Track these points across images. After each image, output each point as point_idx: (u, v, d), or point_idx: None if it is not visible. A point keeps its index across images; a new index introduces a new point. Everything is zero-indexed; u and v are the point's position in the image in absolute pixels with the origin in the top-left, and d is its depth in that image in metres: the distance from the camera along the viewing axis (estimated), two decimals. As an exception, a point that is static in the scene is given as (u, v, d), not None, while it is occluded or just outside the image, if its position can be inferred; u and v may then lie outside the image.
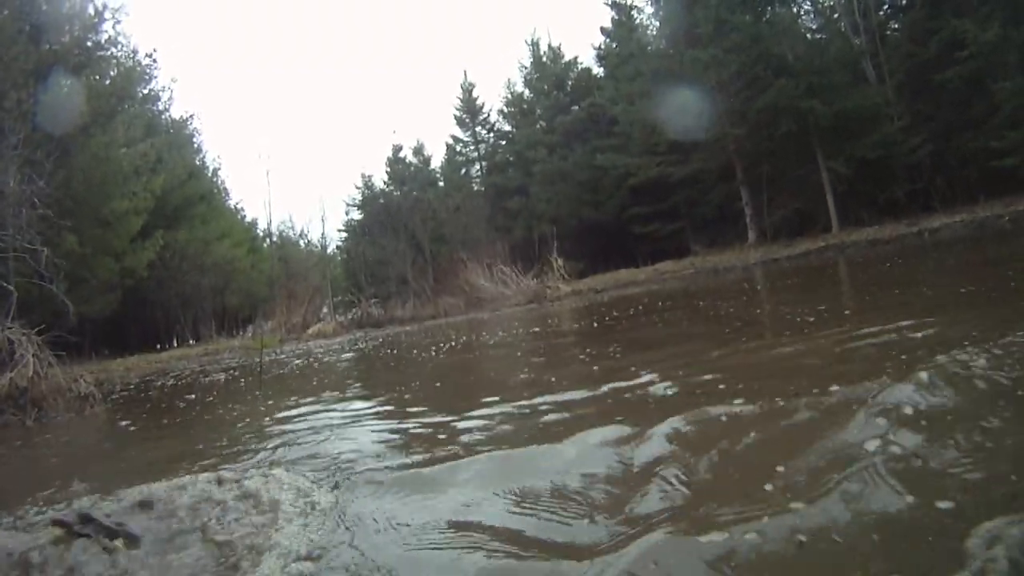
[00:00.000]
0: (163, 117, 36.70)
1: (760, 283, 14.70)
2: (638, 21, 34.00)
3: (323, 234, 48.18)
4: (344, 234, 45.82)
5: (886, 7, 29.35)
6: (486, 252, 28.32)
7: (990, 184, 23.15)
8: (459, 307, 25.15)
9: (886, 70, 26.88)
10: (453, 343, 11.06)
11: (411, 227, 37.30)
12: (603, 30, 37.62)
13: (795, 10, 28.96)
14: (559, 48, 40.67)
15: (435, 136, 59.70)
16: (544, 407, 4.05)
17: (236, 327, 33.92)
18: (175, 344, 32.25)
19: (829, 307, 7.14)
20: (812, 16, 30.10)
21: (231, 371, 13.10)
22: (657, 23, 32.37)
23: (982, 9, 22.46)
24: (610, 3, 35.09)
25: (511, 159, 40.28)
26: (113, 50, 26.95)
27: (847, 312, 6.67)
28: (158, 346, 30.39)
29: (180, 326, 33.18)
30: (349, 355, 13.07)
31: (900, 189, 25.26)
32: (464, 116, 43.19)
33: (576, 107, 37.58)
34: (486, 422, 3.92)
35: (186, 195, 34.44)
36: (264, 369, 11.22)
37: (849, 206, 26.47)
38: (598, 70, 38.86)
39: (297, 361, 13.18)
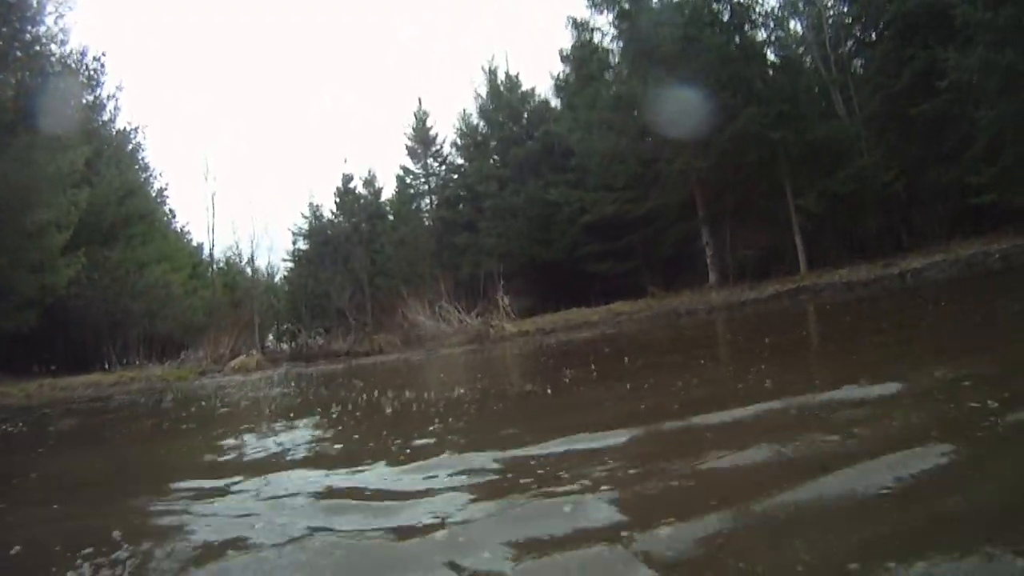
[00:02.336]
0: (108, 128, 33.23)
1: (733, 331, 12.11)
2: (598, 42, 31.45)
3: (269, 263, 44.50)
4: (290, 263, 42.56)
5: (852, 43, 27.31)
6: (430, 288, 25.37)
7: (965, 221, 21.41)
8: (396, 344, 22.18)
9: (856, 103, 24.86)
10: (348, 405, 7.99)
11: (351, 260, 34.49)
12: (562, 55, 34.76)
13: (765, 35, 26.59)
14: (517, 76, 37.83)
15: (388, 167, 57.57)
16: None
17: (170, 354, 30.51)
18: (104, 367, 28.77)
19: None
20: (779, 48, 27.78)
21: (105, 414, 11.09)
22: (619, 45, 29.85)
23: (962, 33, 20.25)
24: (571, 24, 32.44)
25: (462, 193, 37.32)
26: (53, 47, 24.83)
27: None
28: (89, 368, 27.03)
29: (108, 350, 29.74)
30: (223, 411, 9.84)
31: (873, 226, 23.02)
32: (416, 147, 39.93)
33: (531, 140, 34.77)
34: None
35: (124, 213, 31.09)
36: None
37: (817, 245, 24.15)
38: (556, 102, 36.16)
39: (153, 416, 10.07)
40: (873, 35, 26.87)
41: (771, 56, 26.68)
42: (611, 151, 27.10)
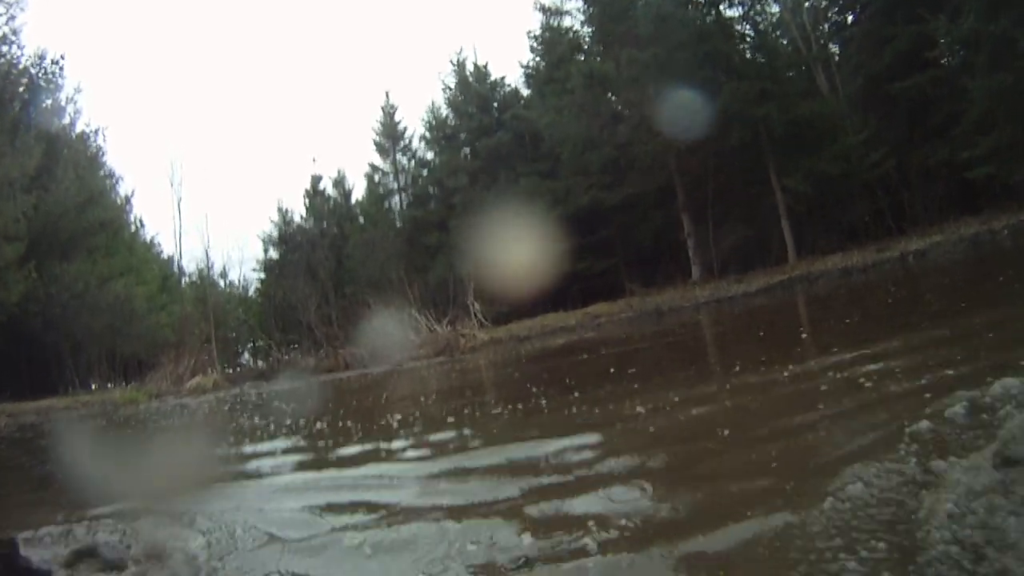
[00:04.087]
0: (67, 131, 30.35)
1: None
2: (569, 25, 29.57)
3: (241, 275, 41.51)
4: (261, 275, 39.80)
5: (831, 22, 25.62)
6: (398, 294, 23.17)
7: (958, 201, 19.86)
8: (362, 359, 20.05)
9: (838, 80, 23.16)
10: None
11: (314, 266, 32.33)
12: (530, 36, 32.54)
13: (743, 10, 24.63)
14: (486, 67, 35.42)
15: (358, 167, 54.85)
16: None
17: (136, 374, 28.12)
18: (66, 390, 26.42)
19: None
20: (755, 26, 25.85)
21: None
22: (590, 29, 27.95)
23: (951, 2, 18.49)
24: (539, 7, 30.31)
25: (431, 190, 35.27)
26: (3, 47, 24.63)
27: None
28: (53, 391, 24.82)
29: (70, 371, 27.40)
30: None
31: (865, 210, 21.24)
32: (384, 142, 37.38)
33: (501, 130, 32.44)
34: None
35: (85, 222, 28.48)
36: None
37: (805, 234, 22.35)
38: (527, 92, 33.87)
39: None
40: (850, 18, 25.24)
41: (748, 30, 24.77)
42: (583, 135, 25.22)
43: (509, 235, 27.30)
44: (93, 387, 27.41)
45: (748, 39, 24.74)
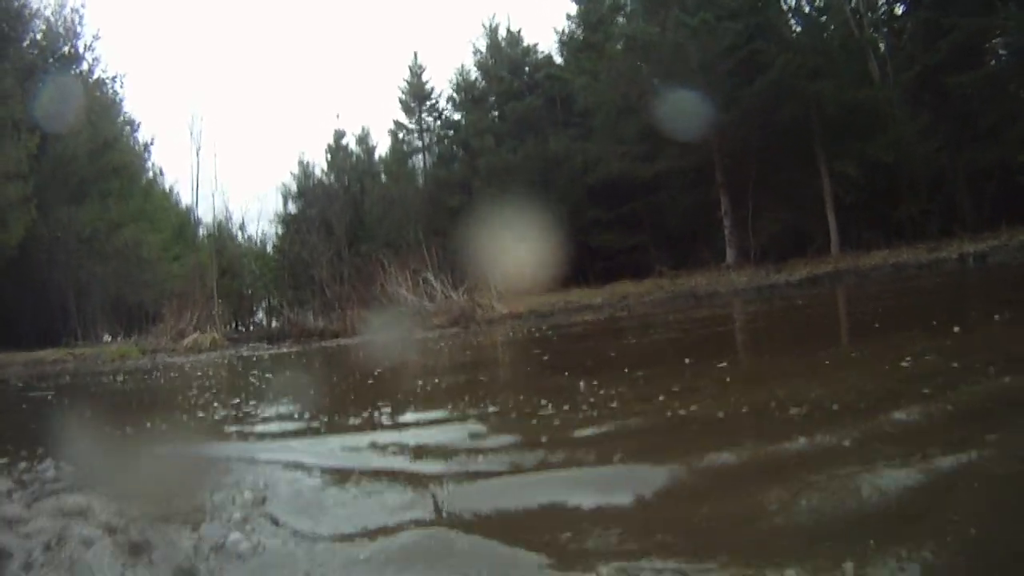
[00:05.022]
0: (85, 78, 28.86)
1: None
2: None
3: (259, 229, 40.18)
4: (279, 228, 38.27)
5: (883, 10, 23.50)
6: (416, 256, 21.38)
7: (1009, 205, 17.78)
8: (372, 324, 18.38)
9: (890, 69, 21.34)
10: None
11: (330, 220, 30.72)
12: None
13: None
14: (519, 32, 33.67)
15: (384, 124, 53.13)
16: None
17: (143, 325, 26.60)
18: (69, 341, 24.95)
19: None
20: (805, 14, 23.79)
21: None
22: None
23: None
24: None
25: (456, 149, 33.48)
26: None
27: None
28: (55, 341, 23.61)
29: (73, 321, 25.93)
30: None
31: (913, 207, 19.21)
32: (410, 101, 35.60)
33: (531, 95, 30.71)
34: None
35: (96, 167, 27.17)
36: None
37: (848, 229, 20.56)
38: (560, 60, 31.96)
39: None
40: (900, 8, 23.31)
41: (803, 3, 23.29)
42: (619, 102, 23.75)
43: (533, 202, 25.60)
44: (107, 338, 26.10)
45: (801, 14, 23.23)
